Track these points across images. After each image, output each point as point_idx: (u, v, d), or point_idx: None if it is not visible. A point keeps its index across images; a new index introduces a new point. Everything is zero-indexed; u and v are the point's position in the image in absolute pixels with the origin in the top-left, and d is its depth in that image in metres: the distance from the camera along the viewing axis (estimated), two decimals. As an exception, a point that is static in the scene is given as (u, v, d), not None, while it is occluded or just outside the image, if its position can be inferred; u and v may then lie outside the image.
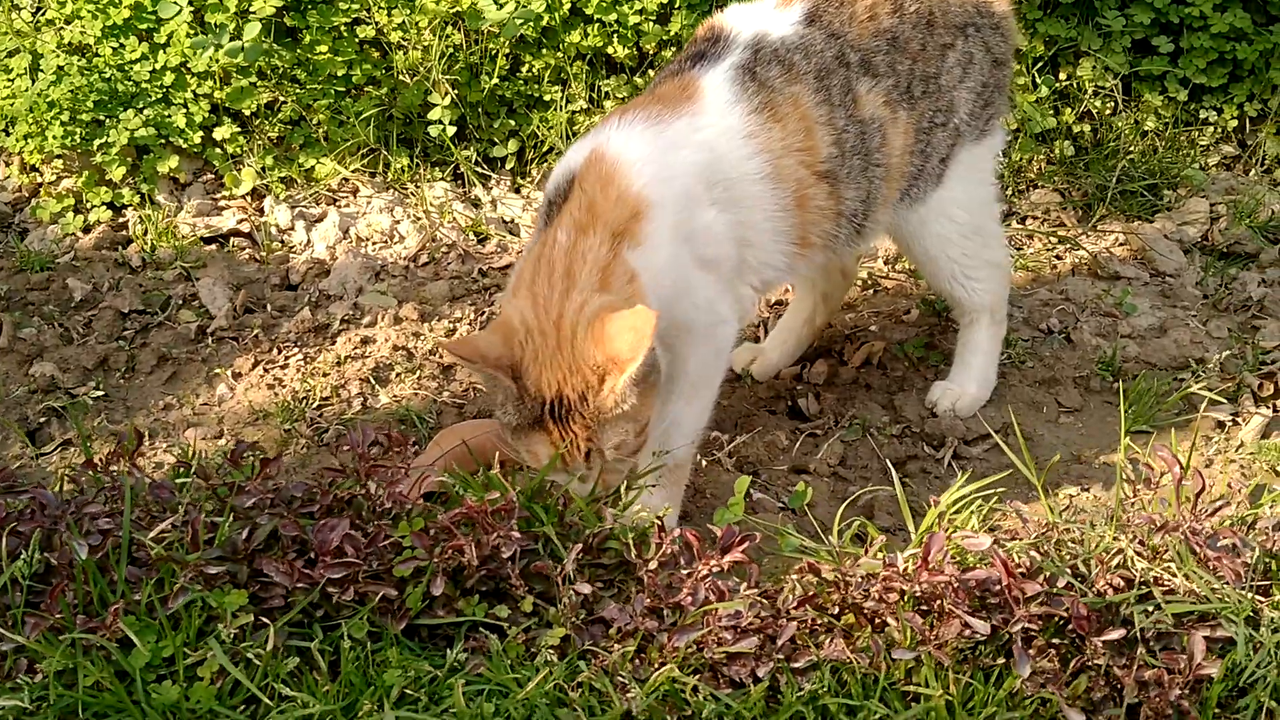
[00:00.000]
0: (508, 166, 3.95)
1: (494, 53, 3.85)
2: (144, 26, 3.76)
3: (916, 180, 2.76)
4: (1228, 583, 2.14)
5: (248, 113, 3.80)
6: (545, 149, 3.93)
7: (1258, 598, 2.13)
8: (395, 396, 3.08)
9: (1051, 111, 3.95)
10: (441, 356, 3.15)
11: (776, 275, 2.67)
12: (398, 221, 3.75)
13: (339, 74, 3.81)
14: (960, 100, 2.78)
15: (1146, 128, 4.00)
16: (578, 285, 2.37)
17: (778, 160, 2.56)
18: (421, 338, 3.27)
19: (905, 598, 2.10)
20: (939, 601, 2.10)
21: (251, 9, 3.67)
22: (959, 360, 3.06)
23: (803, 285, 3.16)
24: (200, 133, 3.75)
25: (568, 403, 2.34)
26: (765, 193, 2.56)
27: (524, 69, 3.90)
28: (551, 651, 2.12)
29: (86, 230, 3.66)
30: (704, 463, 2.87)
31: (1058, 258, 3.71)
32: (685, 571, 2.21)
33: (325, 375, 3.14)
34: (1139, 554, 2.20)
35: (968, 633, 2.07)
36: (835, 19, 2.67)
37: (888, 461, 2.88)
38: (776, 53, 2.60)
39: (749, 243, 2.58)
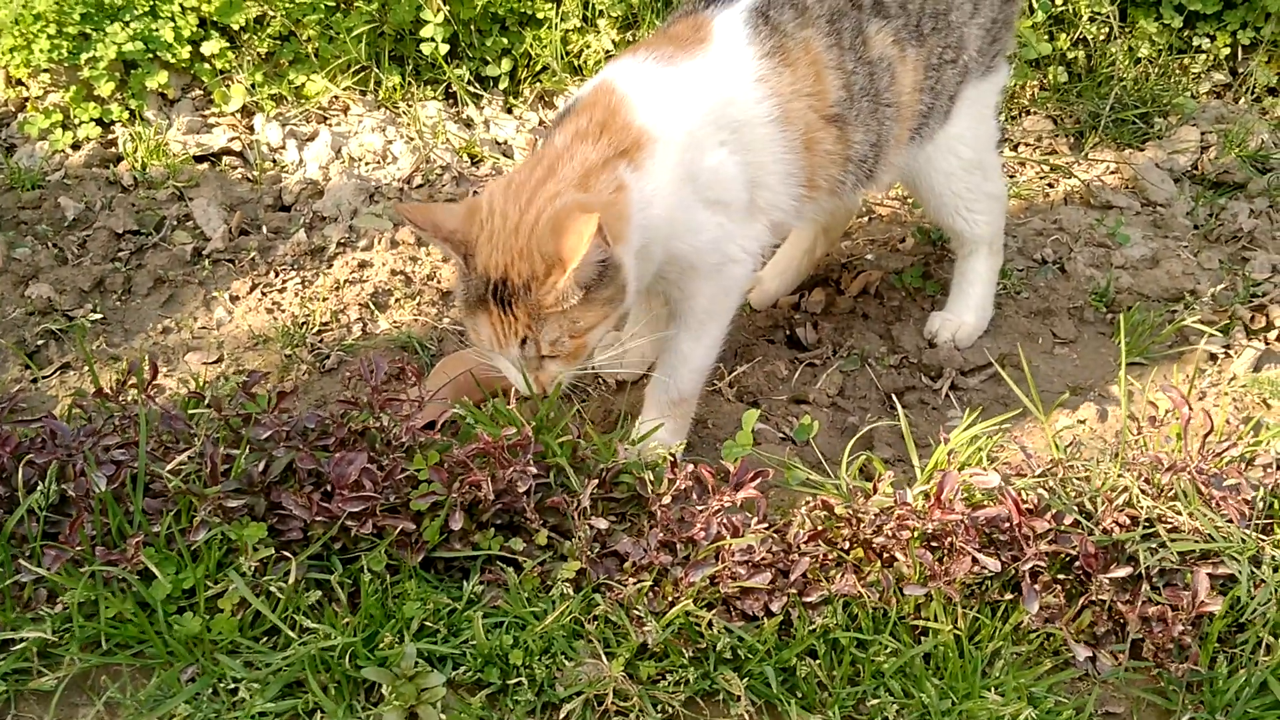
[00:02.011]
0: (500, 86, 3.91)
1: (487, -33, 3.79)
2: (130, -63, 3.67)
3: (927, 119, 2.76)
4: (1231, 521, 2.19)
5: (236, 27, 3.73)
6: (538, 68, 3.89)
7: (1260, 537, 2.18)
8: (395, 322, 3.07)
9: (1047, 37, 3.94)
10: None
11: (784, 217, 2.68)
12: (390, 142, 3.72)
13: (329, -11, 3.74)
14: (970, 36, 2.77)
15: (1140, 55, 4.00)
16: (556, 177, 2.37)
17: (787, 104, 2.55)
18: (419, 262, 3.26)
19: (916, 534, 2.14)
20: (949, 538, 2.14)
21: (240, -79, 3.60)
22: (957, 290, 3.09)
23: None
24: (188, 48, 3.69)
25: (512, 287, 2.32)
26: (775, 135, 2.55)
27: (515, -19, 3.84)
28: (567, 585, 2.15)
29: (76, 147, 3.60)
30: (706, 392, 2.89)
31: (1050, 185, 3.73)
32: (698, 506, 2.24)
33: (324, 300, 3.13)
34: (1144, 492, 2.25)
35: (977, 569, 2.11)
36: None
37: (888, 393, 2.91)
38: None
39: (760, 184, 2.58)
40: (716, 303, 2.62)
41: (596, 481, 2.26)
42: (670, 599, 2.13)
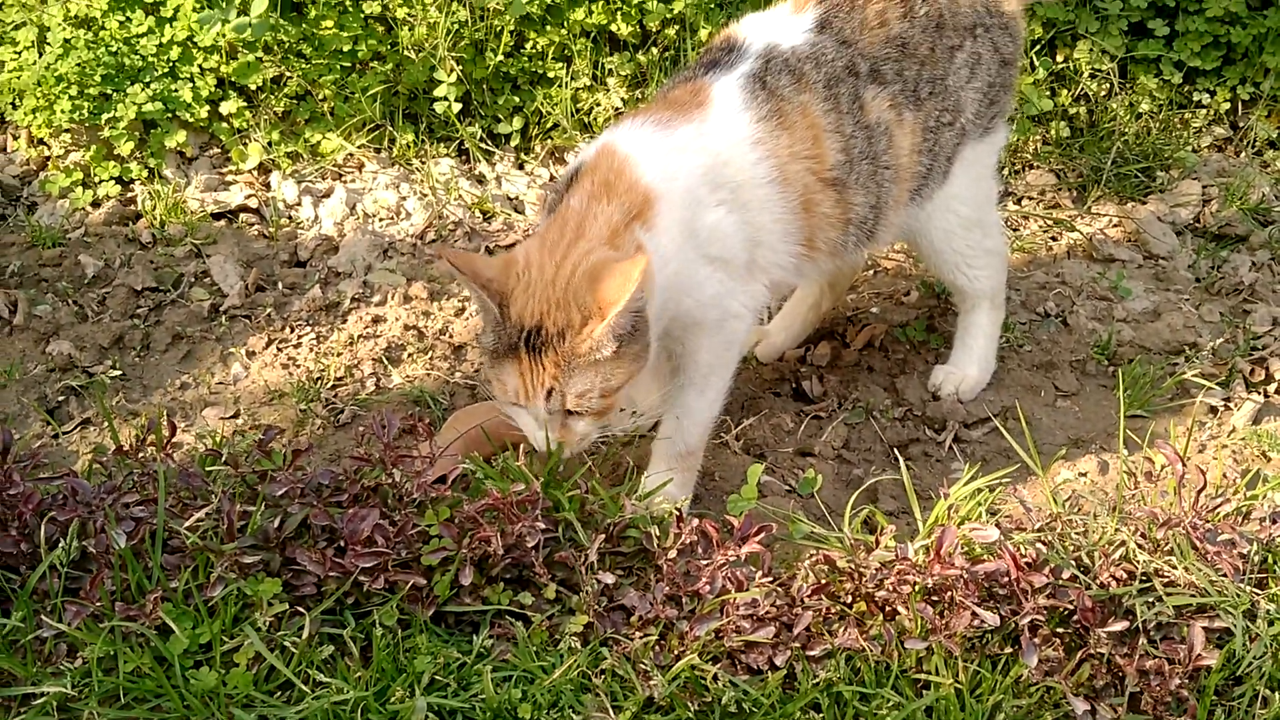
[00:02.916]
0: (512, 143, 3.98)
1: (499, 29, 3.87)
2: (150, 0, 3.77)
3: (926, 179, 2.83)
4: (1225, 576, 2.23)
5: (254, 87, 3.82)
6: (549, 125, 3.97)
7: (1254, 591, 2.22)
8: (408, 376, 3.13)
9: (1048, 93, 4.00)
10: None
11: (784, 275, 2.74)
12: (404, 198, 3.79)
13: (345, 49, 3.83)
14: (967, 100, 2.84)
15: (1141, 110, 4.06)
16: (587, 236, 2.44)
17: (785, 166, 2.62)
18: (431, 317, 3.32)
19: (917, 588, 2.18)
20: (949, 593, 2.18)
21: (258, -16, 3.68)
22: (960, 344, 3.14)
23: None
24: (207, 107, 3.77)
25: (545, 335, 2.38)
26: (773, 196, 2.62)
27: (529, 46, 3.92)
28: (575, 638, 2.20)
29: (96, 205, 3.69)
30: (712, 445, 2.94)
31: (1053, 239, 3.78)
32: (703, 560, 2.28)
33: (338, 355, 3.19)
34: (1141, 546, 2.29)
35: (977, 623, 2.15)
36: (846, 25, 2.72)
37: (892, 446, 2.96)
38: (787, 62, 2.66)
39: (759, 243, 2.65)
40: (719, 357, 2.68)
41: (604, 536, 2.30)
42: (676, 652, 2.17)
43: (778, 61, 2.65)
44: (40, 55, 3.71)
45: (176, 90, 3.74)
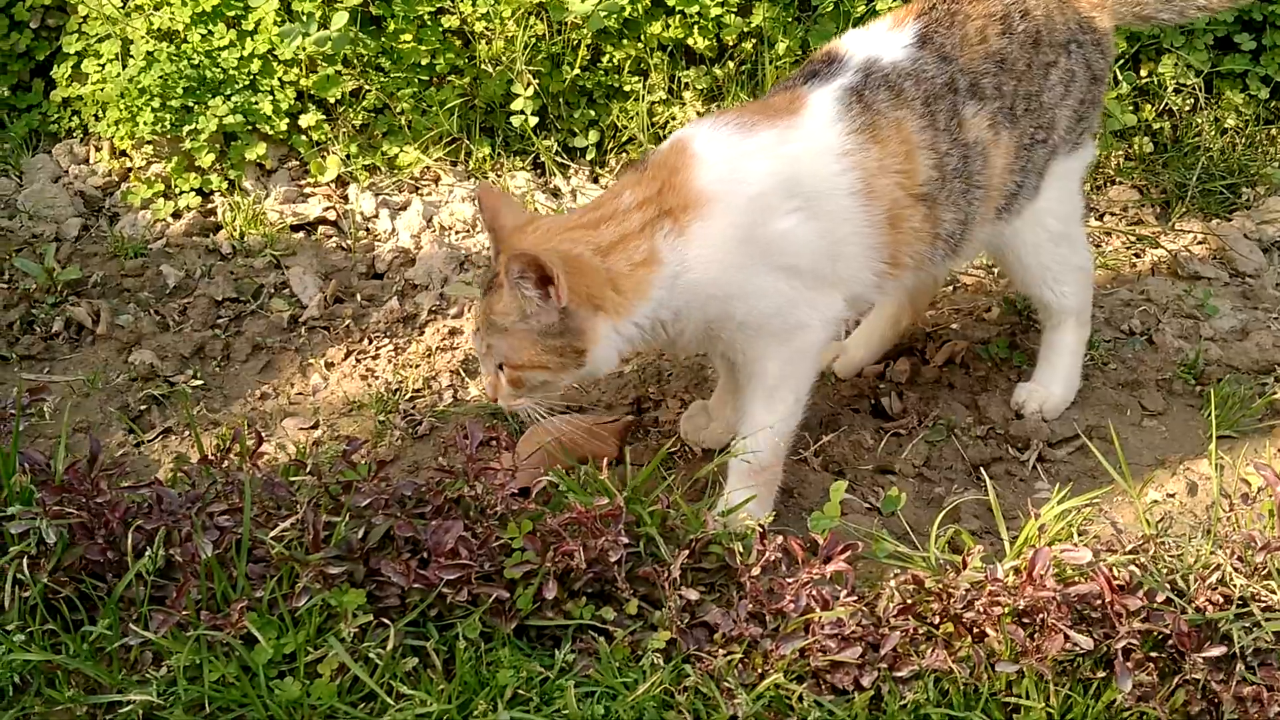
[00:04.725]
0: (588, 157, 3.98)
1: (576, 43, 3.87)
2: (232, 14, 3.80)
3: (1016, 196, 2.79)
4: (1327, 601, 2.17)
5: (332, 100, 3.85)
6: (624, 139, 3.96)
7: (1358, 617, 2.16)
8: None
9: (1131, 108, 3.94)
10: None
11: (864, 290, 2.72)
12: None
13: (423, 63, 3.84)
14: (1060, 117, 2.80)
15: (1226, 125, 3.99)
16: (596, 232, 2.53)
17: (872, 179, 2.60)
18: (508, 330, 3.32)
19: (1007, 610, 2.14)
20: (1041, 615, 2.14)
21: (338, -2, 3.72)
22: (1044, 361, 3.09)
23: None
24: (286, 120, 3.80)
25: (493, 283, 2.54)
26: (855, 207, 2.60)
27: (605, 59, 3.92)
28: (658, 655, 2.18)
29: (176, 216, 3.72)
30: (791, 461, 2.91)
31: (1137, 256, 3.72)
32: (787, 578, 2.26)
33: (416, 366, 3.20)
34: (1237, 570, 2.23)
35: (1069, 646, 2.11)
36: (947, 41, 2.70)
37: (975, 464, 2.92)
38: (887, 77, 2.64)
39: (838, 256, 2.62)
40: (790, 368, 2.65)
41: (687, 552, 2.28)
42: (760, 671, 2.15)
43: (877, 76, 2.64)
44: (124, 68, 3.76)
45: (257, 103, 3.77)
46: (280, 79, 3.81)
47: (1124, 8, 2.97)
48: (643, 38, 3.89)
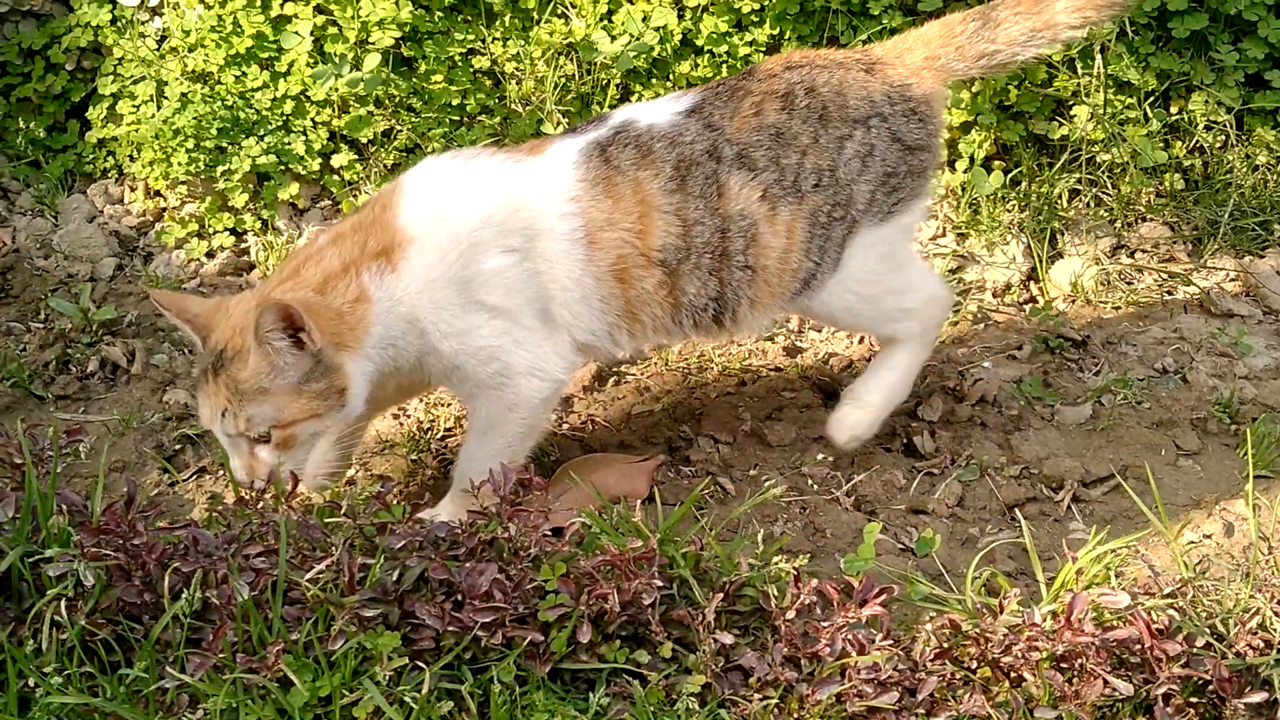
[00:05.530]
0: (617, 194, 3.99)
1: (605, 83, 3.90)
2: (265, 55, 3.84)
3: (814, 278, 2.76)
4: (1370, 646, 2.15)
5: (364, 140, 3.88)
6: (654, 177, 3.97)
7: (1401, 663, 2.14)
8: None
9: (1162, 145, 3.93)
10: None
11: (596, 341, 2.72)
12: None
13: (453, 103, 3.87)
14: (860, 192, 2.76)
15: (1258, 162, 3.98)
16: (299, 279, 2.58)
17: (598, 230, 2.62)
18: (539, 369, 3.32)
19: (1045, 655, 2.13)
20: (1079, 660, 2.12)
21: (371, 40, 3.75)
22: (871, 371, 2.99)
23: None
24: (319, 160, 3.83)
25: (224, 360, 2.53)
26: (575, 254, 2.62)
27: (634, 98, 3.94)
28: (693, 699, 2.17)
29: (210, 256, 3.75)
30: (823, 501, 2.91)
31: (1168, 293, 3.70)
32: (822, 621, 2.25)
33: (447, 405, 3.20)
34: (1277, 614, 2.21)
35: (1108, 691, 2.09)
36: (717, 112, 2.72)
37: (1009, 505, 2.90)
38: (639, 137, 2.68)
39: (554, 299, 2.63)
40: (501, 415, 2.68)
41: (722, 595, 2.28)
42: (796, 716, 2.14)
43: (628, 135, 2.68)
44: (159, 109, 3.80)
45: (289, 143, 3.80)
46: (313, 119, 3.84)
47: (963, 63, 2.84)
48: (671, 77, 3.91)
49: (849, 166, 2.73)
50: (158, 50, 3.91)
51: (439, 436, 3.12)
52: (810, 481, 2.95)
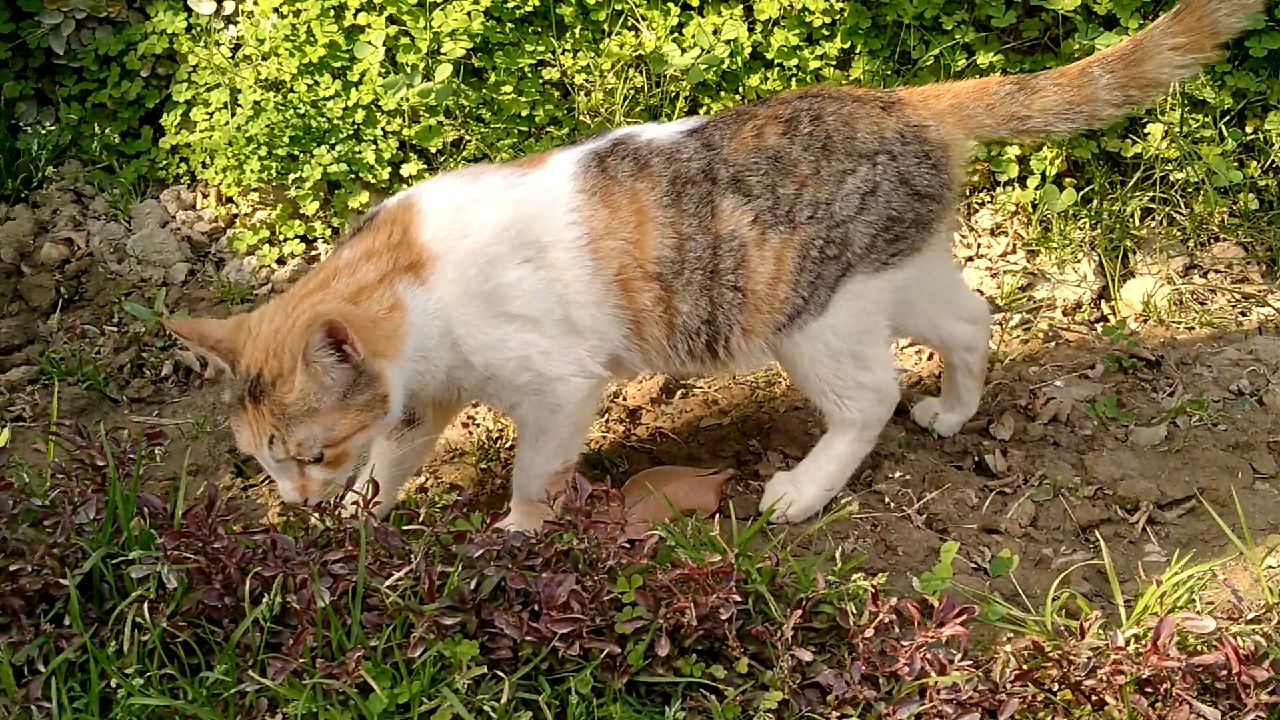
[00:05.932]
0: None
1: (675, 95, 3.90)
2: (338, 65, 3.87)
3: (800, 314, 2.72)
4: None
5: (434, 150, 3.90)
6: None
7: None
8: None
9: (1236, 164, 3.89)
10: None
11: (616, 350, 2.73)
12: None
13: (523, 114, 3.89)
14: (856, 231, 2.69)
15: (1334, 182, 3.93)
16: (330, 291, 2.57)
17: (599, 238, 2.64)
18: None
19: (1130, 679, 2.10)
20: (1164, 685, 2.09)
21: (442, 50, 3.77)
22: (810, 458, 2.92)
23: (932, 342, 3.18)
24: (388, 169, 3.85)
25: (262, 384, 2.47)
26: (582, 261, 2.64)
27: (702, 111, 3.94)
28: (769, 715, 2.16)
29: (281, 262, 3.78)
30: (894, 518, 2.89)
31: (1243, 314, 3.66)
32: (901, 640, 2.23)
33: (516, 415, 3.21)
34: (1366, 643, 2.18)
35: (1194, 717, 2.06)
36: (718, 133, 2.72)
37: (1081, 526, 2.88)
38: (637, 151, 2.69)
39: (571, 303, 2.65)
40: (547, 419, 2.71)
41: (799, 612, 2.26)
42: (875, 734, 2.12)
43: (626, 148, 2.70)
44: (232, 116, 3.83)
45: (360, 152, 3.83)
46: (383, 129, 3.86)
47: (991, 119, 2.75)
48: (741, 90, 3.91)
49: (847, 202, 2.67)
50: (232, 58, 3.95)
51: (508, 445, 3.12)
52: (883, 499, 2.93)
